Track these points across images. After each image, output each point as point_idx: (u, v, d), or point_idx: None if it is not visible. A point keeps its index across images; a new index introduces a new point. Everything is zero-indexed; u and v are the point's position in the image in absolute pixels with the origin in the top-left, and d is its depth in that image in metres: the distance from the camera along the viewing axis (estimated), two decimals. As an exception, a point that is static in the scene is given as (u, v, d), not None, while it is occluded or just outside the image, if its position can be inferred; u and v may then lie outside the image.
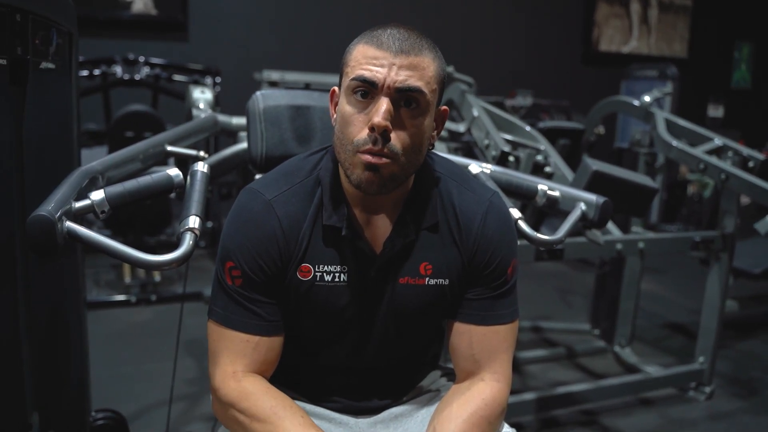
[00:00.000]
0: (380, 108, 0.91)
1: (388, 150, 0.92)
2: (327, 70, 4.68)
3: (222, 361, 1.02)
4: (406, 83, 0.92)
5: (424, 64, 0.94)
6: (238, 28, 5.80)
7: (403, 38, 0.93)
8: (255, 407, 0.97)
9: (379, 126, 0.91)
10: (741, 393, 2.78)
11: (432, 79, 0.95)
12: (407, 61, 0.92)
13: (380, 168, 0.93)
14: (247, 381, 1.00)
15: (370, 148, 0.92)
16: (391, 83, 0.92)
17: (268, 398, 0.98)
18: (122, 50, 4.47)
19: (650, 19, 7.82)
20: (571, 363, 3.03)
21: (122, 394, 2.44)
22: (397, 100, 0.93)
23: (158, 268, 0.98)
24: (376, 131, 0.91)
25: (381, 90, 0.92)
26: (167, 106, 4.52)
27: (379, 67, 0.92)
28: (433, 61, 0.96)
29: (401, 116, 0.93)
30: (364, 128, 0.93)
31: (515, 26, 7.15)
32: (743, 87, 8.66)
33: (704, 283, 2.73)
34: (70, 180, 1.13)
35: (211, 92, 2.43)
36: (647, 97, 2.90)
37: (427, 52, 0.95)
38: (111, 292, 3.59)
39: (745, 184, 2.39)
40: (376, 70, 0.92)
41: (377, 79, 0.92)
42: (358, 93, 0.94)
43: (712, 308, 2.68)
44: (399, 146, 0.93)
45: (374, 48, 0.93)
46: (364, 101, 0.94)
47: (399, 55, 0.92)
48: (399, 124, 0.93)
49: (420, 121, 0.95)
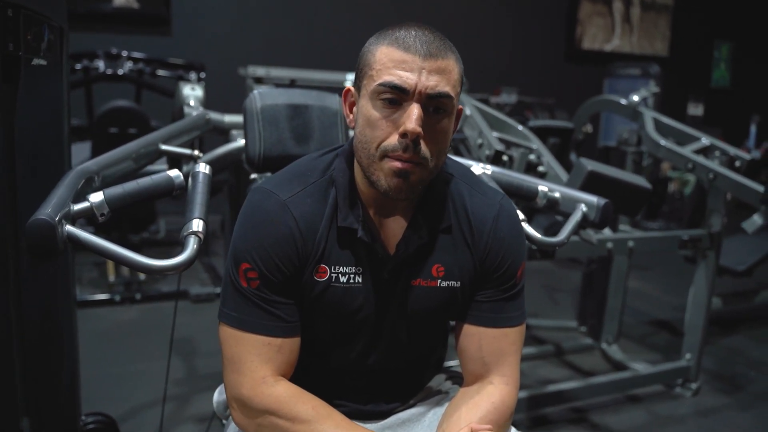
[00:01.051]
0: (412, 114, 0.89)
1: (418, 157, 0.92)
2: (313, 66, 4.64)
3: (246, 368, 0.98)
4: (437, 89, 0.90)
5: (450, 66, 0.93)
6: (222, 22, 5.74)
7: (429, 41, 0.91)
8: (297, 409, 0.96)
9: (414, 133, 0.89)
10: (726, 389, 2.81)
11: (457, 83, 0.94)
12: (436, 65, 0.90)
13: (410, 174, 0.92)
14: (279, 386, 0.98)
15: (401, 155, 0.91)
16: (422, 89, 0.90)
17: (307, 399, 0.98)
18: (103, 44, 4.39)
19: (632, 18, 7.89)
20: (559, 360, 3.05)
21: (110, 396, 2.40)
22: (427, 106, 0.91)
23: (162, 272, 0.95)
24: (409, 138, 0.90)
25: (412, 96, 0.90)
26: (151, 101, 4.46)
27: (409, 72, 0.90)
28: (456, 63, 0.95)
29: (429, 122, 0.92)
30: (392, 133, 0.92)
31: (499, 24, 7.17)
32: (723, 86, 8.78)
33: (688, 280, 2.75)
34: (67, 181, 1.10)
35: (202, 89, 2.40)
36: (635, 97, 2.92)
37: (451, 54, 0.94)
38: (94, 291, 3.53)
39: (732, 184, 2.42)
40: (407, 75, 0.90)
41: (408, 85, 0.90)
42: (386, 98, 0.92)
43: (698, 306, 2.71)
44: (428, 152, 0.93)
45: (401, 51, 0.91)
46: (392, 107, 0.92)
47: (428, 59, 0.90)
48: (428, 129, 0.92)
49: (446, 124, 0.94)
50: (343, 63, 3.50)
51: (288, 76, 3.85)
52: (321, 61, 5.24)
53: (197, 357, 2.83)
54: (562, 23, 7.61)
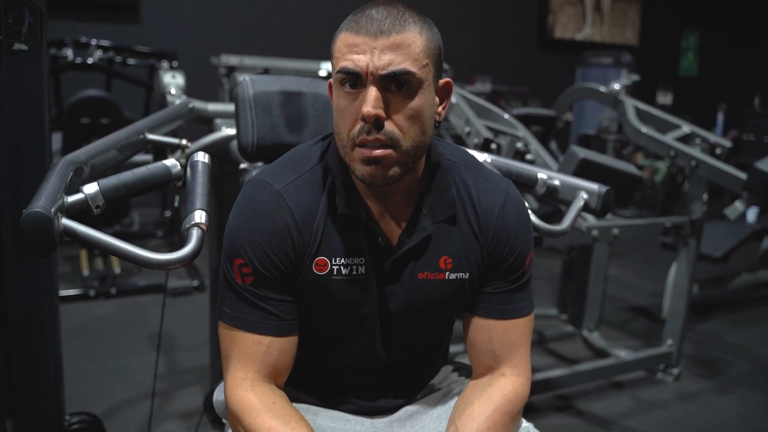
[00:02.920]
0: (368, 97, 0.86)
1: (385, 138, 0.88)
2: (286, 54, 4.57)
3: (232, 366, 0.96)
4: (390, 68, 0.86)
5: (409, 40, 0.87)
6: (193, 10, 5.62)
7: (381, 17, 0.87)
8: (254, 425, 0.91)
9: (369, 115, 0.86)
10: (706, 373, 2.86)
11: (421, 55, 0.88)
12: (388, 42, 0.86)
13: (381, 159, 0.89)
14: (254, 392, 0.94)
15: (364, 139, 0.88)
16: (374, 70, 0.86)
17: (270, 417, 0.91)
18: (71, 32, 4.26)
19: (603, 7, 7.96)
20: (542, 348, 3.06)
21: (91, 394, 2.33)
22: (386, 85, 0.88)
23: (164, 267, 0.91)
24: (368, 121, 0.87)
25: (366, 78, 0.87)
26: (121, 90, 4.34)
27: (360, 54, 0.87)
28: (420, 35, 0.89)
29: (394, 100, 0.88)
30: (357, 120, 0.89)
31: (472, 12, 7.16)
32: (690, 75, 8.92)
33: (663, 266, 2.78)
34: (57, 171, 1.04)
35: (182, 77, 2.33)
36: (616, 85, 2.93)
37: (412, 26, 0.88)
38: (67, 286, 3.43)
39: (714, 171, 2.44)
40: (358, 58, 0.87)
41: (360, 68, 0.86)
42: (346, 84, 0.89)
43: (680, 292, 2.74)
44: (397, 131, 0.89)
45: (353, 34, 0.88)
46: (353, 92, 0.89)
47: (379, 38, 0.86)
48: (393, 108, 0.88)
49: (416, 101, 0.89)
50: (318, 51, 3.44)
51: (262, 65, 3.77)
52: (296, 49, 5.17)
53: (178, 351, 2.77)
54: (534, 12, 7.64)
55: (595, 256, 3.02)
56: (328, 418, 1.05)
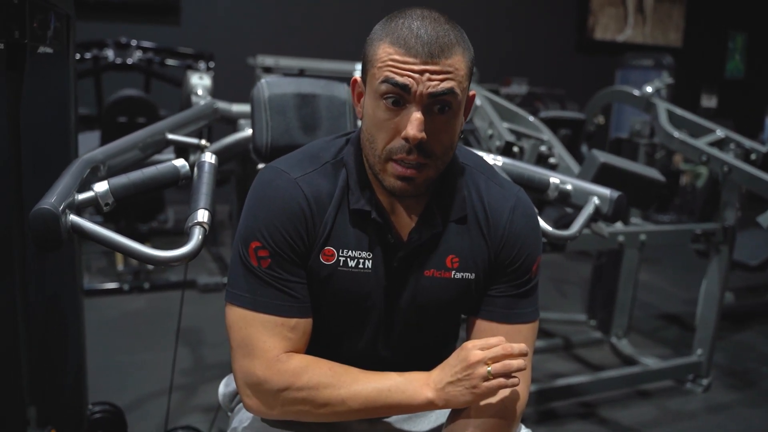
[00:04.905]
0: (413, 119, 0.88)
1: (423, 157, 0.91)
2: (323, 55, 4.62)
3: (259, 349, 0.95)
4: (439, 88, 0.88)
5: (456, 65, 0.90)
6: (231, 11, 5.71)
7: (431, 39, 0.88)
8: (317, 376, 0.94)
9: (415, 139, 0.88)
10: (737, 384, 2.78)
11: (464, 78, 0.91)
12: (438, 68, 0.88)
13: (415, 178, 0.92)
14: (294, 360, 0.96)
15: (405, 158, 0.91)
16: (423, 90, 0.88)
17: (323, 363, 0.96)
18: (112, 33, 4.38)
19: (645, 8, 7.80)
20: (568, 354, 3.02)
21: (117, 385, 2.40)
22: (430, 106, 0.90)
23: (166, 264, 0.94)
24: (411, 143, 0.89)
25: (413, 99, 0.89)
26: (160, 90, 4.45)
27: (409, 73, 0.88)
28: (463, 57, 0.91)
29: (435, 121, 0.91)
30: (395, 136, 0.91)
31: (510, 13, 7.10)
32: (737, 77, 8.67)
33: (699, 274, 2.72)
34: (72, 170, 1.09)
35: (209, 78, 2.38)
36: (649, 88, 2.88)
37: (457, 48, 0.90)
38: (103, 280, 3.53)
39: (747, 177, 2.38)
40: (407, 78, 0.88)
41: (410, 83, 0.88)
42: (389, 99, 0.90)
43: (711, 301, 2.68)
44: (435, 151, 0.92)
45: (402, 51, 0.88)
46: (395, 108, 0.90)
47: (429, 62, 0.87)
48: (434, 129, 0.91)
49: (453, 121, 0.93)
50: (352, 52, 3.47)
51: (297, 66, 3.84)
52: (331, 50, 5.21)
53: (204, 347, 2.83)
54: (574, 13, 7.53)
55: (625, 262, 2.97)
56: None
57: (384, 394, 0.95)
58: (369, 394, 0.95)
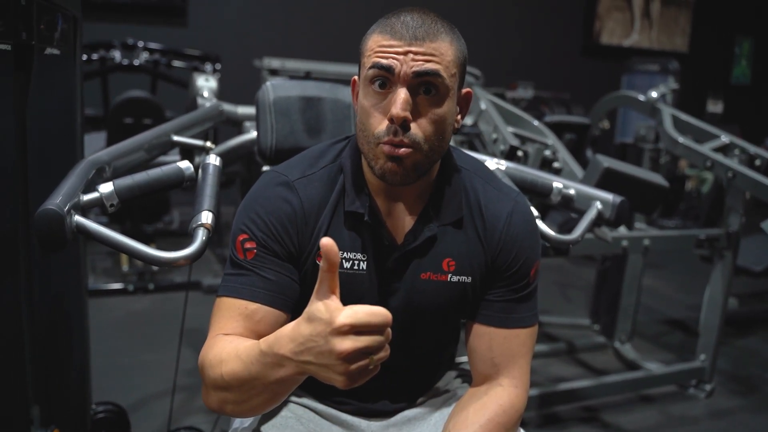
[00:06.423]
0: (398, 98, 0.89)
1: (408, 140, 0.90)
2: (328, 58, 4.63)
3: (211, 331, 0.95)
4: (423, 67, 0.89)
5: (442, 49, 0.91)
6: (238, 13, 5.73)
7: (417, 25, 0.90)
8: (222, 352, 0.89)
9: (398, 117, 0.88)
10: (741, 390, 2.78)
11: (451, 64, 0.92)
12: (422, 49, 0.89)
13: (402, 158, 0.91)
14: (223, 340, 0.92)
15: (390, 139, 0.91)
16: (407, 69, 0.89)
17: (237, 342, 0.90)
18: (119, 35, 4.40)
19: (652, 13, 7.79)
20: (571, 358, 3.02)
21: (120, 385, 2.41)
22: (416, 88, 0.90)
23: (169, 265, 0.95)
24: (395, 122, 0.89)
25: (398, 79, 0.89)
26: (166, 92, 4.46)
27: (394, 55, 0.89)
28: (450, 45, 0.92)
29: (421, 104, 0.91)
30: (384, 120, 0.91)
31: (517, 17, 7.10)
32: (743, 83, 8.65)
33: (703, 279, 2.71)
34: (77, 171, 1.09)
35: (215, 80, 2.39)
36: (654, 93, 2.88)
37: (444, 36, 0.92)
38: (108, 280, 3.55)
39: (752, 183, 2.38)
40: (391, 58, 0.89)
41: (393, 64, 0.89)
42: (376, 83, 0.91)
43: (714, 306, 2.67)
44: (421, 135, 0.91)
45: (388, 36, 0.90)
46: (382, 92, 0.91)
47: (414, 43, 0.89)
48: (419, 112, 0.91)
49: (441, 107, 0.92)
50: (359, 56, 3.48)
51: (303, 68, 3.84)
52: (337, 53, 5.22)
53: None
54: (580, 17, 7.53)
55: (629, 267, 2.97)
56: (324, 417, 1.07)
57: (248, 367, 0.85)
58: (235, 367, 0.87)
